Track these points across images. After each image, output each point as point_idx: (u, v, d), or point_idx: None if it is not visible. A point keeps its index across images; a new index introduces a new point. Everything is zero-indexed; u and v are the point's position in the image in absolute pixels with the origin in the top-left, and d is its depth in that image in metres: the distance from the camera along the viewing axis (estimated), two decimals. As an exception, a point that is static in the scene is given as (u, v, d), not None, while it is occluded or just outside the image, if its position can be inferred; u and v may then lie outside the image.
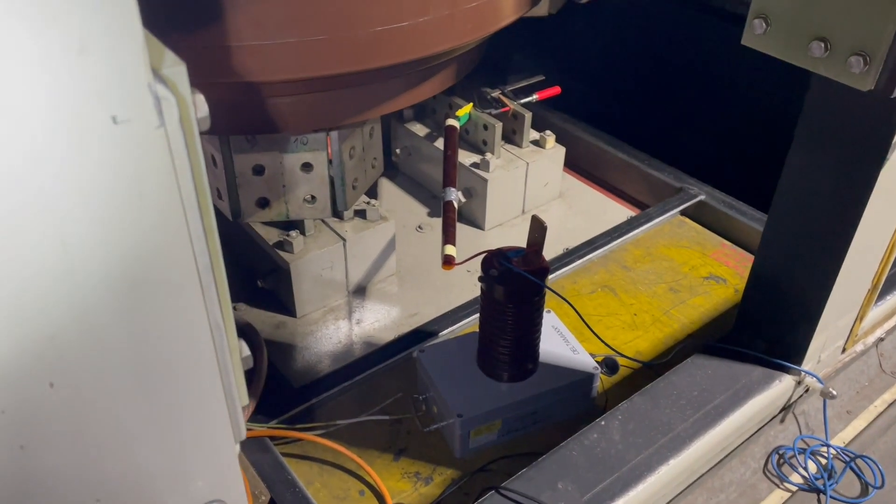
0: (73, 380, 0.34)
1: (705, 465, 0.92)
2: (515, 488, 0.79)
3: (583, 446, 0.85)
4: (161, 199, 0.33)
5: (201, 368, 0.40)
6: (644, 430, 0.86)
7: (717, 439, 0.89)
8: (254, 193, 0.78)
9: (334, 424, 1.05)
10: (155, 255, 0.35)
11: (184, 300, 0.37)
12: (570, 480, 0.79)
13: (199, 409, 0.41)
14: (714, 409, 0.89)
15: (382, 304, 1.30)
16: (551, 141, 1.49)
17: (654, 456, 0.83)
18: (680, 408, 0.89)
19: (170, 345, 0.38)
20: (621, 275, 1.37)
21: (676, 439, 0.85)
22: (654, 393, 0.92)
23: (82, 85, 0.28)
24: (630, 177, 1.59)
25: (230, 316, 0.43)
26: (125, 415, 0.37)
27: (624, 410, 0.90)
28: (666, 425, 0.86)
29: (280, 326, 1.25)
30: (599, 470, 0.81)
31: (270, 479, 0.96)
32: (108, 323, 0.34)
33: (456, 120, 1.40)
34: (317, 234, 1.24)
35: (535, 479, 0.81)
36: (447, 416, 1.03)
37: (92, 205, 0.31)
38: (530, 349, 1.06)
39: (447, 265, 1.12)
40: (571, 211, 1.54)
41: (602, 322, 1.27)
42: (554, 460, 0.84)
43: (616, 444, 0.84)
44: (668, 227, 1.49)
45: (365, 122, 0.81)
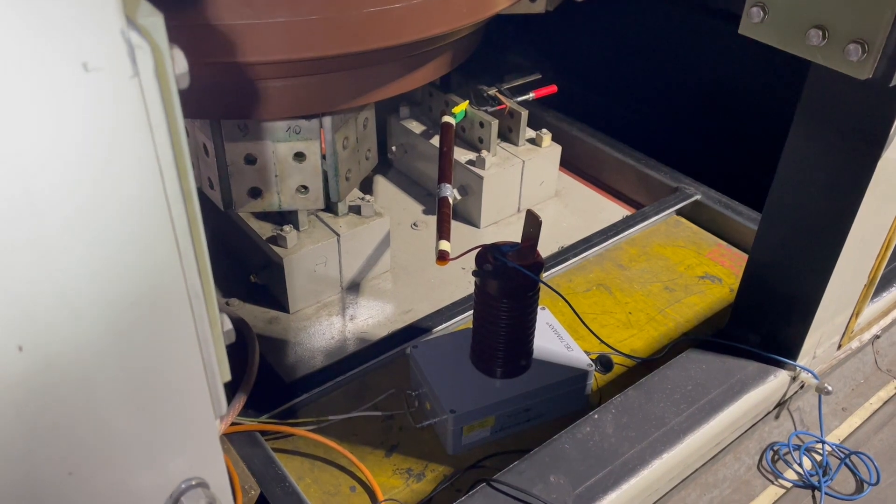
0: (42, 342, 0.33)
1: (699, 461, 0.90)
2: (507, 481, 0.78)
3: (575, 439, 0.84)
4: (135, 155, 0.32)
5: (179, 338, 0.39)
6: (637, 423, 0.85)
7: (711, 434, 0.87)
8: (246, 183, 0.77)
9: (326, 420, 1.04)
10: (128, 214, 0.34)
11: (159, 264, 0.36)
12: (562, 473, 0.78)
13: (177, 380, 0.40)
14: (708, 404, 0.88)
15: (376, 300, 1.29)
16: (547, 139, 1.48)
17: (647, 450, 0.82)
18: (674, 402, 0.88)
19: (145, 312, 0.37)
20: (616, 273, 1.36)
21: (670, 433, 0.84)
22: (648, 387, 0.90)
23: (51, 26, 0.27)
24: (626, 176, 1.59)
25: (210, 286, 0.42)
26: (98, 384, 0.36)
27: (617, 404, 0.89)
28: (659, 419, 0.85)
29: (273, 322, 1.24)
30: (592, 463, 0.80)
31: (260, 473, 0.95)
32: (77, 283, 0.33)
33: (452, 117, 1.40)
34: (311, 230, 1.23)
35: (527, 471, 0.80)
36: (440, 412, 1.02)
37: (60, 156, 0.30)
38: (524, 345, 1.05)
39: (441, 261, 1.11)
40: (567, 210, 1.54)
41: (597, 320, 1.26)
42: (546, 453, 0.83)
43: (609, 437, 0.83)
44: (664, 227, 1.48)
45: (359, 112, 0.80)
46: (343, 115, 0.79)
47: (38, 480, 0.36)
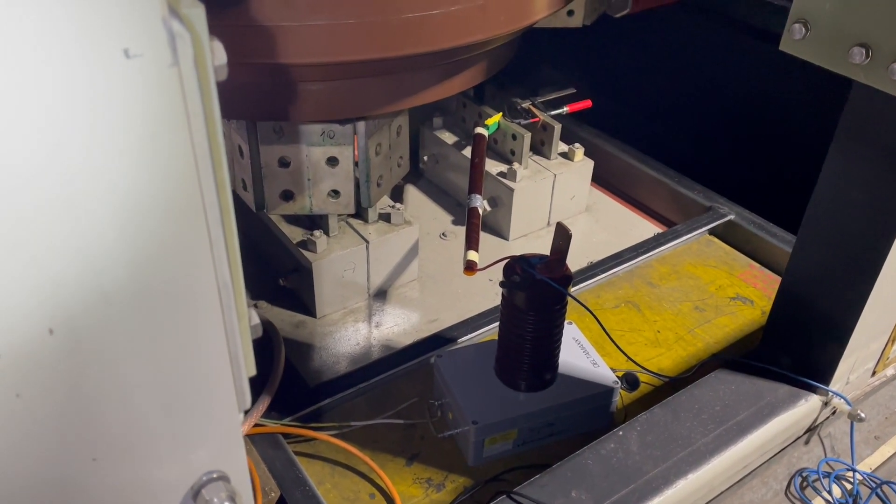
0: (73, 328, 0.34)
1: (725, 483, 0.88)
2: (528, 494, 0.77)
3: (599, 455, 0.82)
4: (171, 144, 0.33)
5: (206, 328, 0.39)
6: (663, 442, 0.83)
7: (738, 456, 0.85)
8: (279, 185, 0.78)
9: (348, 425, 1.04)
10: (162, 202, 0.34)
11: (190, 253, 0.36)
12: (584, 489, 0.77)
13: (203, 371, 0.40)
14: (736, 425, 0.86)
15: (403, 308, 1.29)
16: (580, 154, 1.48)
17: (672, 469, 0.80)
18: (701, 422, 0.86)
19: (174, 300, 0.37)
20: (646, 291, 1.35)
21: (696, 453, 0.82)
22: (675, 405, 0.89)
23: (95, 11, 0.28)
24: (658, 194, 1.57)
25: (240, 278, 0.42)
26: (125, 370, 0.36)
27: (643, 421, 0.87)
28: (686, 439, 0.84)
29: (299, 326, 1.24)
30: (615, 480, 0.79)
31: (281, 476, 0.95)
32: (111, 269, 0.34)
33: (485, 128, 1.40)
34: (340, 235, 1.24)
35: (549, 485, 0.79)
36: (462, 422, 1.01)
37: (98, 141, 0.31)
38: (549, 359, 1.04)
39: (469, 271, 1.11)
40: (598, 225, 1.52)
41: (624, 337, 1.24)
42: (568, 468, 0.82)
43: (633, 454, 0.81)
44: (696, 246, 1.46)
45: (392, 119, 0.81)
46: (377, 121, 0.79)
47: (64, 464, 0.36)
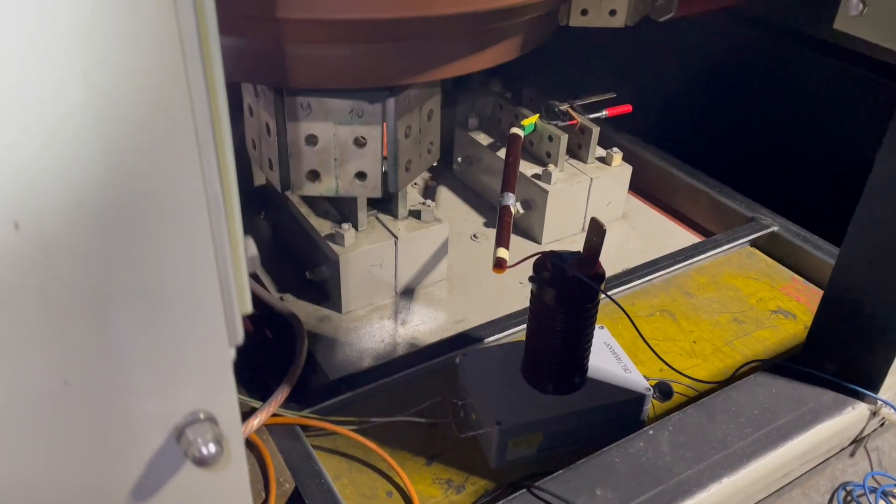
0: (41, 224, 0.31)
1: (762, 491, 0.83)
2: (550, 489, 0.73)
3: (627, 454, 0.78)
4: (153, 19, 0.30)
5: (193, 245, 0.36)
6: (696, 443, 0.79)
7: (777, 463, 0.80)
8: (305, 165, 0.76)
9: (368, 421, 1.01)
10: (143, 92, 0.31)
11: (175, 155, 0.33)
12: (609, 487, 0.73)
13: (188, 295, 0.37)
14: (776, 431, 0.81)
15: (429, 307, 1.27)
16: (618, 158, 1.44)
17: (705, 472, 0.76)
18: (738, 425, 0.81)
19: (156, 209, 0.34)
20: (682, 301, 1.30)
21: (732, 457, 0.77)
22: (711, 407, 0.84)
23: None
24: (698, 203, 1.52)
25: (233, 197, 0.39)
26: (99, 281, 0.33)
27: (675, 422, 0.83)
28: (721, 441, 0.79)
29: (324, 320, 1.22)
30: (643, 480, 0.74)
31: (297, 468, 0.92)
32: (83, 165, 0.31)
33: (521, 129, 1.37)
34: (369, 230, 1.22)
35: (572, 482, 0.75)
36: (486, 423, 0.98)
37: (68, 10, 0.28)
38: (578, 361, 1.00)
39: (498, 268, 1.08)
40: (634, 233, 1.48)
41: (658, 346, 1.19)
42: (594, 465, 0.78)
43: (664, 455, 0.77)
44: (737, 257, 1.41)
45: (423, 103, 0.79)
46: (407, 102, 0.77)
47: (31, 386, 0.34)
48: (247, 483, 0.46)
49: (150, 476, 0.41)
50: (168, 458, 0.41)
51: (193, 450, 0.39)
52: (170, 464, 0.41)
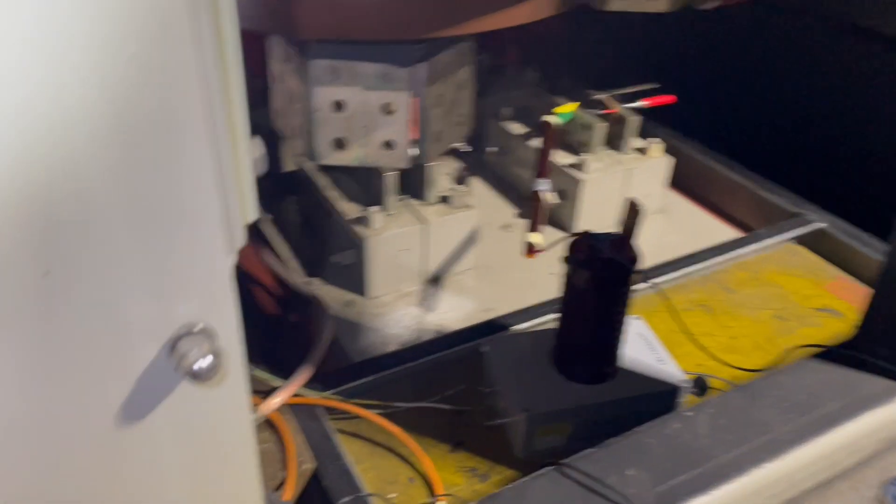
0: None
1: (807, 480, 0.77)
2: (579, 466, 0.69)
3: (661, 434, 0.74)
4: None
5: (188, 138, 0.33)
6: (737, 427, 0.74)
7: (823, 451, 0.75)
8: (330, 132, 0.74)
9: (392, 406, 0.98)
10: None
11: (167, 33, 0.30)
12: (642, 468, 0.69)
13: (184, 193, 0.34)
14: (824, 417, 0.76)
15: (457, 295, 1.23)
16: (657, 150, 1.40)
17: (746, 456, 0.71)
18: (783, 409, 0.76)
19: (145, 76, 0.31)
20: (722, 296, 1.25)
21: (775, 442, 0.72)
22: (754, 390, 0.79)
23: None
24: (740, 198, 1.47)
25: (238, 83, 0.35)
26: (87, 164, 0.31)
27: (715, 404, 0.78)
28: (764, 425, 0.74)
29: (349, 305, 1.20)
30: (679, 462, 0.70)
31: (318, 448, 0.90)
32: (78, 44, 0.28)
33: (556, 117, 1.34)
34: (398, 214, 1.20)
35: (603, 460, 0.71)
36: (513, 411, 0.94)
37: None
38: (611, 348, 0.96)
39: (530, 253, 1.05)
40: (672, 227, 1.43)
41: (696, 340, 1.14)
42: (626, 444, 0.74)
43: (701, 437, 0.72)
44: (780, 254, 1.35)
45: (456, 71, 0.76)
46: (438, 69, 0.75)
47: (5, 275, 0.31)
48: (247, 404, 0.43)
49: (142, 393, 0.38)
50: (161, 375, 0.38)
51: (186, 362, 0.36)
52: (163, 381, 0.39)
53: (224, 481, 0.44)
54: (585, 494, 0.66)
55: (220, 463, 0.43)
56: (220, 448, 0.43)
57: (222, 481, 0.44)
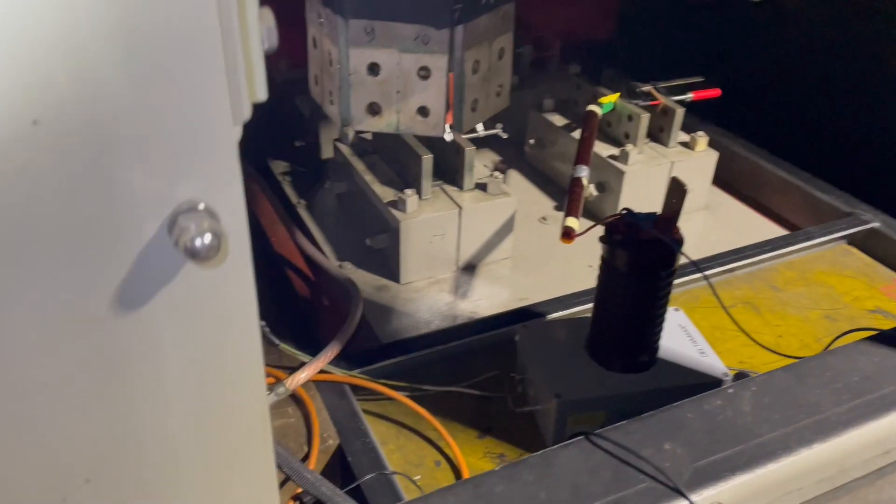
0: None
1: (859, 468, 0.72)
2: (611, 437, 0.65)
3: (701, 410, 0.70)
4: None
5: None
6: (783, 406, 0.69)
7: (877, 436, 0.70)
8: (365, 96, 0.73)
9: (420, 388, 0.96)
10: None
11: None
12: (680, 443, 0.65)
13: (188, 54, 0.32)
14: (879, 401, 0.71)
15: (491, 284, 1.21)
16: (703, 143, 1.35)
17: (793, 435, 0.66)
18: (834, 391, 0.72)
19: None
20: (768, 294, 1.20)
21: (825, 423, 0.68)
22: (802, 370, 0.75)
23: None
24: (790, 197, 1.41)
25: None
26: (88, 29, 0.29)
27: (760, 382, 0.74)
28: (813, 406, 0.69)
29: (381, 289, 1.18)
30: (719, 438, 0.66)
31: (343, 425, 0.88)
32: None
33: (599, 107, 1.31)
34: (433, 199, 1.18)
35: (637, 433, 0.67)
36: (544, 398, 0.91)
37: None
38: (649, 336, 0.92)
39: (566, 238, 1.01)
40: (717, 224, 1.38)
41: (739, 338, 1.09)
42: (663, 418, 0.70)
43: (745, 415, 0.68)
44: (831, 254, 1.29)
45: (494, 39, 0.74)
46: (477, 34, 0.73)
47: None
48: (251, 294, 0.41)
49: (142, 276, 0.37)
50: (162, 256, 0.37)
51: (185, 238, 0.34)
52: (164, 264, 0.37)
53: (226, 376, 0.42)
54: (617, 465, 0.63)
55: (222, 356, 0.41)
56: (223, 341, 0.41)
57: (225, 377, 0.42)
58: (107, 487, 0.43)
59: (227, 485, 0.47)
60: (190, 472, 0.45)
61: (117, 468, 0.43)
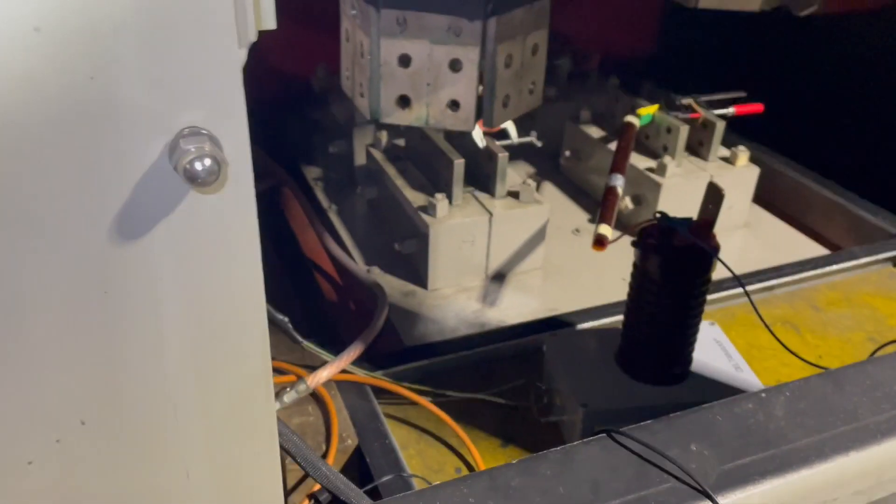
0: None
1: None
2: (636, 436, 0.62)
3: (731, 413, 0.66)
4: None
5: None
6: (819, 412, 0.65)
7: None
8: (396, 88, 0.72)
9: (444, 394, 0.94)
10: None
11: None
12: (707, 444, 0.61)
13: None
14: None
15: (521, 294, 1.18)
16: (744, 158, 1.32)
17: (828, 442, 0.62)
18: (874, 399, 0.67)
19: None
20: (809, 314, 1.15)
21: (863, 431, 0.64)
22: (840, 377, 0.70)
23: None
24: (834, 218, 1.37)
25: None
26: None
27: (794, 388, 0.70)
28: (850, 413, 0.65)
29: (409, 295, 1.17)
30: (749, 441, 0.62)
31: (363, 426, 0.86)
32: None
33: (637, 118, 1.28)
34: (464, 205, 1.17)
35: (663, 433, 0.64)
36: (570, 408, 0.88)
37: None
38: (682, 347, 0.89)
39: (598, 245, 0.99)
40: (757, 242, 1.34)
41: (776, 357, 1.05)
42: (690, 420, 0.66)
43: (777, 419, 0.64)
44: (876, 276, 1.24)
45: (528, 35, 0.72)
46: (510, 27, 0.72)
47: None
48: (253, 225, 0.39)
49: (142, 202, 0.36)
50: (163, 184, 0.35)
51: (185, 161, 0.33)
52: (165, 191, 0.36)
53: (227, 317, 0.41)
54: (640, 464, 0.60)
55: (223, 295, 0.40)
56: (224, 278, 0.40)
57: (225, 318, 0.41)
58: (102, 431, 0.42)
59: (226, 433, 0.46)
60: (187, 418, 0.44)
61: (113, 411, 0.42)
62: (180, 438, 0.44)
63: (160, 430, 0.44)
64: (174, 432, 0.44)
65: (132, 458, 0.45)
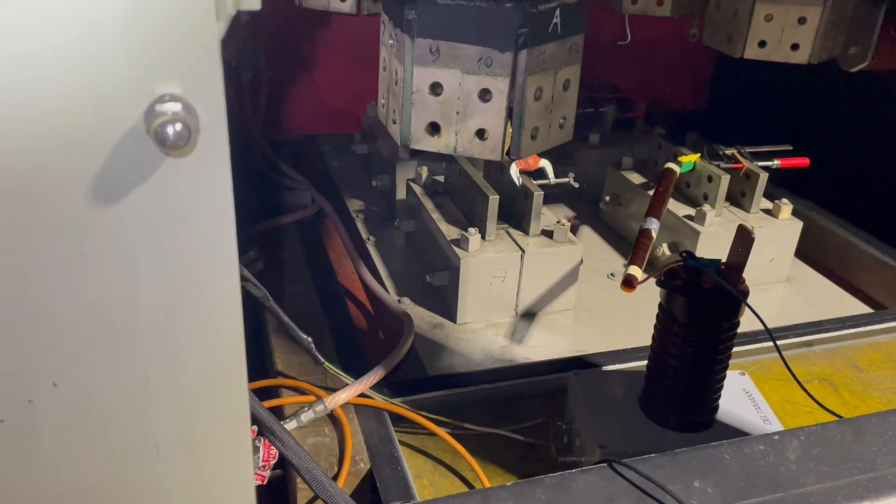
0: None
1: None
2: (637, 468, 0.60)
3: (741, 453, 0.64)
4: None
5: None
6: (834, 459, 0.62)
7: None
8: (426, 116, 0.74)
9: (462, 426, 0.93)
10: None
11: None
12: (711, 482, 0.59)
13: None
14: None
15: (549, 333, 1.17)
16: (787, 211, 1.29)
17: (842, 489, 0.59)
18: (894, 451, 0.64)
19: None
20: (848, 373, 1.11)
21: (881, 482, 0.60)
22: (860, 426, 0.67)
23: None
24: (880, 277, 1.32)
25: None
26: None
27: (810, 433, 0.67)
28: (868, 463, 0.62)
29: (437, 327, 1.17)
30: (757, 482, 0.59)
31: (376, 451, 0.86)
32: None
33: (677, 165, 1.28)
34: (497, 241, 1.17)
35: (666, 466, 0.62)
36: (589, 449, 0.86)
37: None
38: (707, 393, 0.86)
39: (627, 286, 0.98)
40: (799, 297, 1.30)
41: (811, 414, 1.01)
42: (696, 456, 0.64)
43: (789, 462, 0.62)
44: (924, 339, 1.19)
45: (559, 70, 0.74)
46: (541, 60, 0.73)
47: None
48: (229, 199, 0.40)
49: (118, 169, 0.37)
50: (139, 150, 0.37)
51: (156, 124, 0.34)
52: (141, 158, 0.37)
53: (200, 288, 0.42)
54: (639, 496, 0.58)
55: (196, 263, 0.41)
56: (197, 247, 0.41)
57: (199, 289, 0.42)
58: (74, 393, 0.43)
59: (197, 409, 0.46)
60: (159, 389, 0.45)
61: (85, 375, 0.43)
62: (151, 410, 0.46)
63: (131, 398, 0.45)
64: (146, 402, 0.45)
65: (103, 426, 0.46)
